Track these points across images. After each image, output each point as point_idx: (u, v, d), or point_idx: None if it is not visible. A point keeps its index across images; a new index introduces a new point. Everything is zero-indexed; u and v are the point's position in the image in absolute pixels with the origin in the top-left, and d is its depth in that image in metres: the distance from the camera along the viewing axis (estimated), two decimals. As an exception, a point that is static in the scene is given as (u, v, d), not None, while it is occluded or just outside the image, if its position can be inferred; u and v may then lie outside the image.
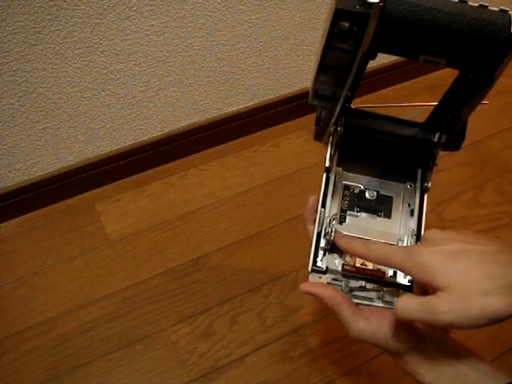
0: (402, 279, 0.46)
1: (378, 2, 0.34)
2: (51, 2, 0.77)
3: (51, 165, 0.98)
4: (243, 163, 1.09)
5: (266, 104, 1.13)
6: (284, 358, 0.77)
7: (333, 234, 0.46)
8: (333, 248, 0.47)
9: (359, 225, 0.48)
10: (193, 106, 1.05)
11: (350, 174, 0.50)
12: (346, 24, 0.37)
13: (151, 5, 0.85)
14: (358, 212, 0.48)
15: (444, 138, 0.46)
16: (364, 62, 0.40)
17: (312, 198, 0.49)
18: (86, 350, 0.79)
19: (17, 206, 0.98)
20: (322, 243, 0.47)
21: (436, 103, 0.46)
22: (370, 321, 0.42)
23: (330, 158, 0.48)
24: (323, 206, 0.48)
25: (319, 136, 0.53)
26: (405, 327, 0.42)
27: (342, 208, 0.49)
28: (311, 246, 0.47)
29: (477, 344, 0.77)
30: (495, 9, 0.35)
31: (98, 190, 1.04)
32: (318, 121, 0.51)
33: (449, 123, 0.45)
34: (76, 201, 1.03)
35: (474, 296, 0.35)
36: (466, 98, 0.41)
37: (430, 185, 0.48)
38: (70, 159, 0.99)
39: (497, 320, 0.34)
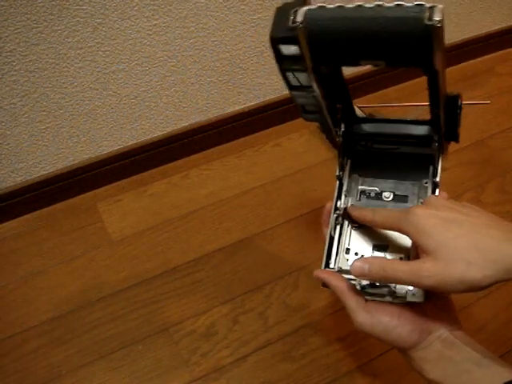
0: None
1: (298, 25, 0.36)
2: (53, 2, 0.77)
3: (53, 164, 0.98)
4: (245, 163, 1.09)
5: (268, 104, 1.13)
6: (286, 358, 0.77)
7: (343, 207, 0.50)
8: (345, 218, 0.50)
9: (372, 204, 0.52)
10: (195, 105, 1.05)
11: (366, 179, 0.52)
12: (287, 48, 0.39)
13: (153, 5, 0.85)
14: None
15: (438, 132, 0.48)
16: (337, 75, 0.42)
17: (329, 204, 0.52)
18: (87, 350, 0.79)
19: (19, 205, 0.98)
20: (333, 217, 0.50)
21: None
22: (371, 314, 0.43)
23: (340, 166, 0.51)
24: (335, 211, 0.50)
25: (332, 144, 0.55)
26: (408, 321, 0.42)
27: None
28: (324, 248, 0.49)
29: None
30: (410, 4, 0.36)
31: (100, 189, 1.04)
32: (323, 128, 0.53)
33: (435, 116, 0.47)
34: (78, 200, 1.03)
35: (456, 264, 0.36)
36: (432, 91, 0.43)
37: (438, 179, 0.49)
38: (71, 159, 0.99)
39: (474, 289, 0.36)
